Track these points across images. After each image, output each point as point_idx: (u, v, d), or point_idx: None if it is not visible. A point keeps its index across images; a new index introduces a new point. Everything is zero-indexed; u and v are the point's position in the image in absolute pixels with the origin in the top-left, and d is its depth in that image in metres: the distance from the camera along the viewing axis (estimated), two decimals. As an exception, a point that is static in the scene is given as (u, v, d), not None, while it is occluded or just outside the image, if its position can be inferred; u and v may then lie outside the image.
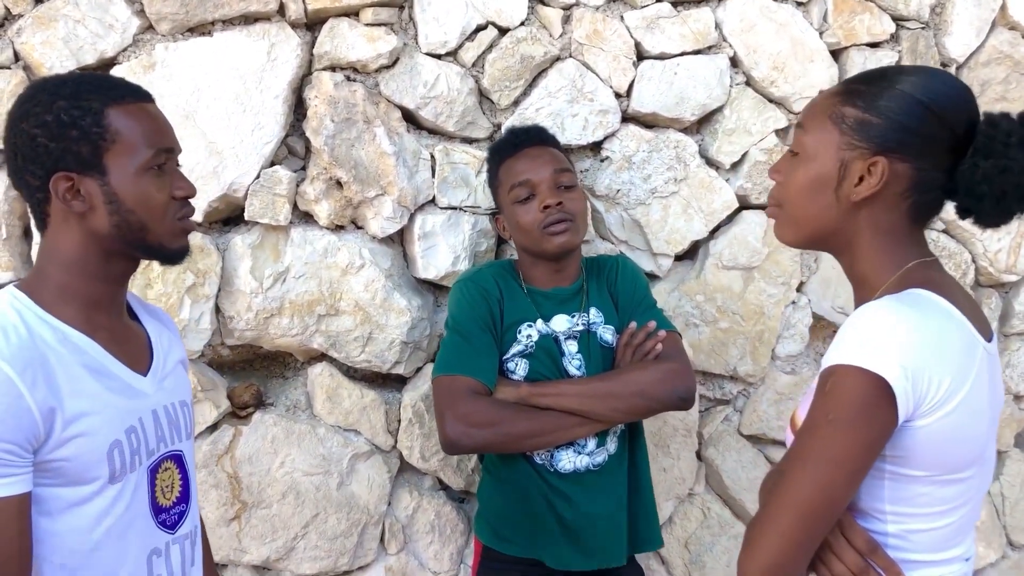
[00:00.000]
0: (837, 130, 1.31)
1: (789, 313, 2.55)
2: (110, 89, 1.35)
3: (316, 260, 2.17)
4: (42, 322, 1.29)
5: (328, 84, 2.13)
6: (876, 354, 1.16)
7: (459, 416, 1.85)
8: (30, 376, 1.20)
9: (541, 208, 1.96)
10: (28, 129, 1.30)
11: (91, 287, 1.36)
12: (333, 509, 2.27)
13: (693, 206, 2.42)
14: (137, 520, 1.36)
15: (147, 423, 1.38)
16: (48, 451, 1.23)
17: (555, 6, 2.29)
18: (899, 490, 1.24)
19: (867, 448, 1.18)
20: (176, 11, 2.04)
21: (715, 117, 2.45)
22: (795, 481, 1.21)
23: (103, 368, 1.33)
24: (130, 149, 1.33)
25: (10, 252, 2.01)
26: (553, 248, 1.98)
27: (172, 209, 1.39)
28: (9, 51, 1.99)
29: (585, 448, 1.96)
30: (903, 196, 1.29)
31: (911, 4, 2.50)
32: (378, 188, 2.18)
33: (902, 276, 1.29)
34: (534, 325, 2.00)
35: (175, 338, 1.60)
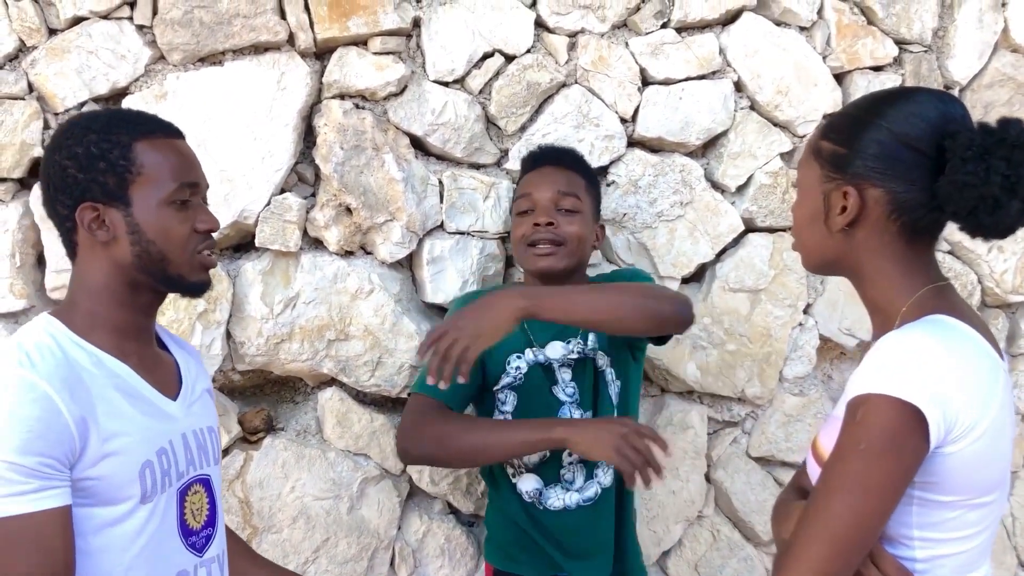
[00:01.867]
0: (817, 164, 1.38)
1: (796, 335, 2.56)
2: (140, 124, 1.41)
3: (326, 285, 2.19)
4: (76, 346, 1.33)
5: (337, 112, 2.16)
6: (908, 383, 1.17)
7: (409, 426, 1.92)
8: (67, 393, 1.24)
9: (532, 225, 1.97)
10: (60, 160, 1.36)
11: (119, 315, 1.40)
12: (343, 533, 2.28)
13: (699, 229, 2.43)
14: (168, 540, 1.38)
15: (177, 446, 1.41)
16: (82, 469, 1.26)
17: (560, 33, 2.32)
18: (927, 515, 1.25)
19: (900, 476, 1.19)
20: (187, 41, 2.07)
21: (720, 141, 2.47)
22: (829, 511, 1.21)
23: (135, 391, 1.37)
24: (154, 182, 1.38)
25: (24, 280, 2.03)
26: (533, 268, 2.00)
27: (193, 242, 1.43)
28: (23, 82, 2.02)
29: (573, 484, 1.95)
30: (889, 219, 1.31)
31: (914, 28, 2.53)
32: (387, 214, 2.21)
33: (919, 302, 1.31)
34: (523, 356, 1.99)
35: (201, 368, 1.63)
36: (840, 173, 1.33)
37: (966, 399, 1.18)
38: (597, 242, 2.13)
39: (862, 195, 1.31)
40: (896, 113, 1.30)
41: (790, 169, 2.48)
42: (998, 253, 2.66)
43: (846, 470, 1.20)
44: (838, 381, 2.71)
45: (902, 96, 1.35)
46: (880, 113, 1.32)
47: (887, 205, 1.30)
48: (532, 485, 1.96)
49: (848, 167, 1.32)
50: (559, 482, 1.95)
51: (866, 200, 1.31)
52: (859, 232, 1.34)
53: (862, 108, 1.37)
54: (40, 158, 2.00)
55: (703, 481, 2.58)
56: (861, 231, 1.34)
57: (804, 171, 1.42)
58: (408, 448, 1.93)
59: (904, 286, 1.33)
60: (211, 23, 2.07)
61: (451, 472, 2.33)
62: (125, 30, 2.06)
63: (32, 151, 2.01)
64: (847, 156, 1.33)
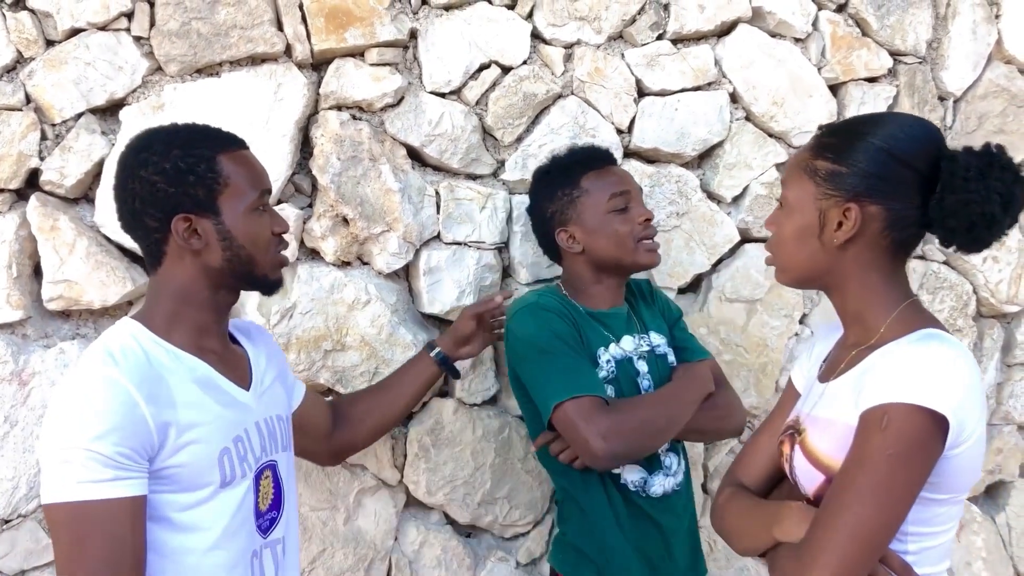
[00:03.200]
0: (812, 182, 1.44)
1: (792, 345, 2.56)
2: (217, 138, 1.53)
3: (323, 296, 2.19)
4: (156, 345, 1.46)
5: (334, 123, 2.16)
6: (935, 393, 1.24)
7: (605, 431, 1.79)
8: (146, 389, 1.36)
9: (640, 220, 2.01)
10: (148, 176, 1.46)
11: (200, 315, 1.53)
12: (340, 544, 2.28)
13: (695, 239, 2.44)
14: (246, 523, 1.51)
15: (252, 433, 1.54)
16: (164, 459, 1.38)
17: (557, 45, 2.33)
18: (922, 512, 1.33)
19: (922, 478, 1.27)
20: (184, 53, 2.08)
21: (716, 152, 2.48)
22: (855, 514, 1.26)
23: (212, 383, 1.50)
24: (239, 192, 1.52)
25: (20, 291, 2.03)
26: (645, 262, 2.04)
27: (273, 244, 1.59)
28: (21, 93, 2.02)
29: (671, 469, 2.01)
30: (882, 235, 1.39)
31: (908, 39, 2.54)
32: (384, 224, 2.21)
33: (901, 316, 1.41)
34: (608, 349, 2.01)
35: (273, 355, 1.76)
36: (839, 190, 1.40)
37: (972, 406, 1.27)
38: None
39: (862, 211, 1.38)
40: (891, 134, 1.38)
41: (786, 180, 2.49)
42: (993, 264, 2.67)
43: (874, 475, 1.25)
44: (834, 391, 2.71)
45: (892, 119, 1.46)
46: (876, 134, 1.39)
47: (883, 221, 1.38)
48: (638, 475, 1.98)
49: (847, 184, 1.39)
50: (660, 468, 2.00)
51: (865, 216, 1.38)
52: (852, 247, 1.41)
53: (857, 129, 1.44)
54: (36, 169, 2.01)
55: (699, 491, 2.58)
56: (854, 246, 1.41)
57: (795, 188, 1.47)
58: (613, 448, 1.79)
59: (887, 300, 1.42)
60: (208, 34, 2.08)
61: (448, 482, 2.32)
62: (123, 41, 2.06)
63: (29, 162, 2.01)
64: (846, 174, 1.39)
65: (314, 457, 2.03)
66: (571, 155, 2.15)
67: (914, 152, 1.36)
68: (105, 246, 2.07)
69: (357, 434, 2.01)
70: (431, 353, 2.09)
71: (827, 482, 1.37)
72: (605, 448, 1.79)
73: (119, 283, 2.05)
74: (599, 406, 1.83)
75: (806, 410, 1.50)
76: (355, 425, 2.00)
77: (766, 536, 1.46)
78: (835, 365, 1.49)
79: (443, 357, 2.09)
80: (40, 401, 2.02)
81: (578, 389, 1.84)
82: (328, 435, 1.96)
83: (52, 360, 2.04)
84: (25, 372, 2.02)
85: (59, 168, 2.03)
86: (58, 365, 2.04)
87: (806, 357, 1.68)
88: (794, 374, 1.69)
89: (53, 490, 1.30)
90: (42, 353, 2.04)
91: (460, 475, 2.34)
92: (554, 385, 1.87)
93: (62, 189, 2.05)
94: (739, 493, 1.63)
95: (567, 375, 1.87)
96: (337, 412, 1.99)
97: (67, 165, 2.03)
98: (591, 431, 1.79)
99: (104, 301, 2.06)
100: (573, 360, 1.90)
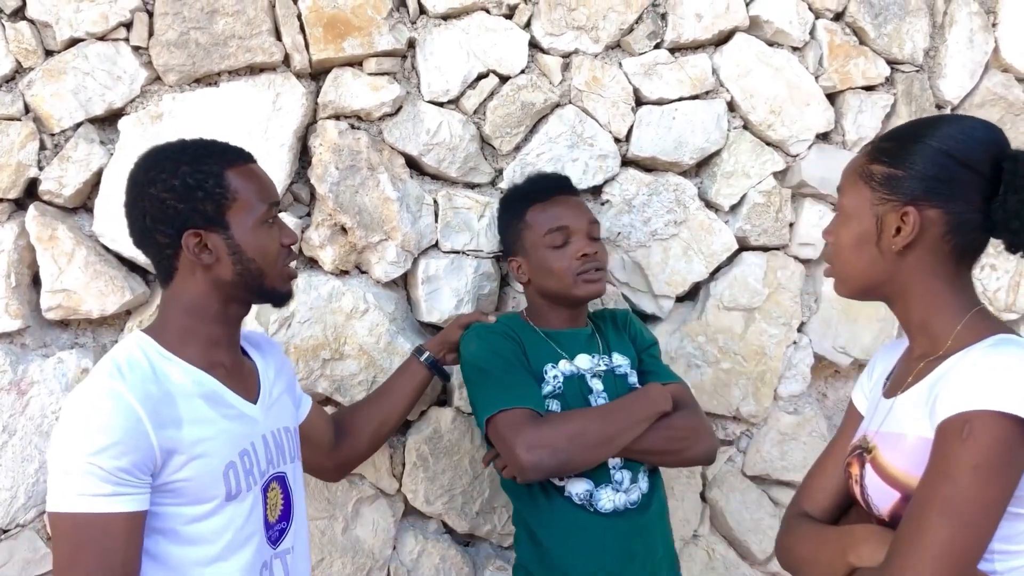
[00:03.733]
0: (868, 188, 1.40)
1: (791, 353, 2.56)
2: (224, 153, 1.55)
3: (321, 305, 2.20)
4: (165, 359, 1.48)
5: (332, 132, 2.17)
6: (1016, 397, 1.17)
7: (531, 442, 1.79)
8: (150, 405, 1.38)
9: (578, 255, 2.00)
10: (158, 194, 1.48)
11: (211, 329, 1.55)
12: (338, 554, 2.27)
13: (693, 248, 2.45)
14: (254, 535, 1.52)
15: (258, 446, 1.54)
16: (169, 473, 1.39)
17: (554, 54, 2.34)
18: (1007, 528, 1.24)
19: (1010, 490, 1.20)
20: (183, 62, 2.08)
21: (713, 160, 2.48)
22: (943, 531, 1.18)
23: (219, 398, 1.51)
24: (248, 206, 1.53)
25: (19, 300, 2.03)
26: (584, 294, 2.03)
27: (282, 256, 1.61)
28: (20, 103, 2.03)
29: (622, 485, 1.94)
30: (944, 239, 1.34)
31: (905, 48, 2.55)
32: (382, 233, 2.21)
33: (971, 324, 1.35)
34: (557, 366, 2.00)
35: (282, 367, 1.77)
36: (896, 194, 1.36)
37: None
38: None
39: (921, 215, 1.33)
40: (951, 135, 1.34)
41: (783, 188, 2.49)
42: (991, 272, 2.68)
43: (959, 488, 1.19)
44: (832, 399, 2.71)
45: (951, 120, 1.40)
46: (934, 136, 1.35)
47: (944, 225, 1.34)
48: (583, 487, 1.93)
49: (904, 188, 1.35)
50: (609, 482, 1.94)
51: (924, 221, 1.34)
52: (912, 254, 1.36)
53: (914, 131, 1.40)
54: (35, 178, 2.02)
55: (698, 500, 2.58)
56: (914, 252, 1.36)
57: (851, 195, 1.43)
58: (541, 459, 1.78)
59: (955, 307, 1.36)
60: (207, 44, 2.08)
61: (446, 491, 2.32)
62: (121, 51, 2.07)
63: (28, 172, 2.02)
64: (903, 177, 1.35)
65: (319, 472, 2.03)
66: (523, 185, 2.20)
67: (974, 153, 1.32)
68: (104, 255, 2.08)
69: (358, 445, 2.02)
70: (420, 357, 2.10)
71: (903, 500, 1.31)
72: (529, 458, 1.78)
73: (118, 292, 2.05)
74: (529, 418, 1.83)
75: (873, 428, 1.44)
76: (356, 436, 2.01)
77: (841, 564, 1.37)
78: (901, 379, 1.43)
79: (432, 360, 2.09)
80: (39, 410, 2.02)
81: (509, 401, 1.86)
82: (332, 448, 1.96)
83: (51, 369, 2.04)
84: (24, 381, 2.02)
85: (58, 178, 2.03)
86: (57, 374, 2.04)
87: (867, 377, 1.61)
88: (855, 395, 1.62)
89: (55, 499, 1.33)
90: (40, 362, 2.04)
91: (458, 484, 2.34)
92: (489, 400, 1.90)
93: (61, 199, 2.05)
94: (805, 522, 1.54)
95: (501, 389, 1.89)
96: (337, 425, 1.99)
97: (66, 175, 2.04)
98: (518, 441, 1.79)
99: (103, 310, 2.06)
100: (509, 376, 1.92)
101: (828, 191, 2.49)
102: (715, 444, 2.01)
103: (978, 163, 1.31)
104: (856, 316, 2.57)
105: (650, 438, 1.90)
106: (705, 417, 2.04)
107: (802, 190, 2.53)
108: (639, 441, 1.89)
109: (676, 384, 2.05)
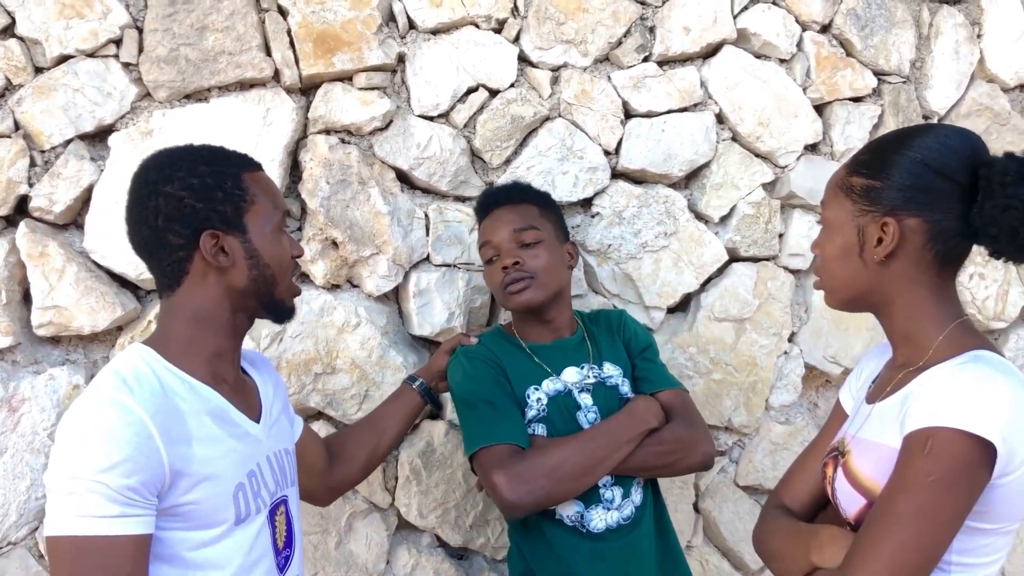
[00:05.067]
0: (849, 200, 1.42)
1: (781, 363, 2.57)
2: (239, 158, 1.53)
3: (312, 319, 2.20)
4: (170, 373, 1.40)
5: (323, 147, 2.17)
6: (981, 418, 1.20)
7: (512, 477, 1.77)
8: (160, 420, 1.29)
9: (500, 269, 1.99)
10: (174, 192, 1.42)
11: (217, 341, 1.48)
12: (332, 568, 2.27)
13: (684, 259, 2.45)
14: (263, 560, 1.46)
15: (264, 468, 1.49)
16: (177, 496, 1.31)
17: (544, 68, 2.35)
18: (968, 542, 1.28)
19: (966, 508, 1.23)
20: (173, 79, 2.09)
21: (703, 172, 2.49)
22: (896, 540, 1.22)
23: (225, 415, 1.44)
24: (265, 210, 1.50)
25: (10, 317, 2.03)
26: (515, 306, 2.01)
27: (292, 267, 1.58)
28: (10, 120, 2.03)
29: (613, 503, 1.91)
30: (925, 248, 1.36)
31: (892, 59, 2.57)
32: (373, 247, 2.22)
33: (952, 336, 1.37)
34: (540, 387, 1.96)
35: (278, 386, 1.72)
36: (875, 205, 1.38)
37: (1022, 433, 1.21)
38: (572, 260, 2.11)
39: (900, 225, 1.35)
40: (926, 145, 1.36)
41: (772, 199, 2.50)
42: (979, 280, 2.69)
43: (916, 501, 1.22)
44: (824, 409, 2.72)
45: (927, 130, 1.41)
46: (910, 146, 1.37)
47: (924, 234, 1.36)
48: (573, 509, 1.91)
49: (883, 199, 1.37)
50: (600, 502, 1.92)
51: (903, 230, 1.36)
52: (895, 263, 1.38)
53: (890, 143, 1.42)
54: (25, 195, 2.02)
55: (691, 511, 2.59)
56: (897, 262, 1.38)
57: (833, 208, 1.46)
58: (521, 497, 1.76)
59: (938, 318, 1.39)
60: (197, 60, 2.09)
61: (439, 504, 2.32)
62: (111, 68, 2.08)
63: (18, 188, 2.02)
64: (881, 188, 1.38)
65: (311, 496, 1.94)
66: (476, 201, 2.21)
67: (951, 161, 1.34)
68: (95, 272, 2.07)
69: (351, 469, 1.97)
70: (413, 385, 2.07)
71: (868, 506, 1.34)
72: (510, 498, 1.77)
73: (108, 308, 2.05)
74: (510, 454, 1.82)
75: (852, 432, 1.47)
76: (349, 461, 1.96)
77: (804, 561, 1.43)
78: (883, 386, 1.46)
79: (425, 388, 2.07)
80: (30, 427, 2.02)
81: (490, 438, 1.85)
82: (325, 471, 1.91)
83: (42, 386, 2.03)
84: (15, 398, 2.02)
85: (48, 194, 2.03)
86: (48, 391, 2.03)
87: (855, 377, 1.64)
88: (842, 394, 1.66)
89: (55, 522, 1.23)
90: (32, 379, 2.04)
91: (452, 497, 2.34)
92: (472, 435, 1.89)
93: (51, 215, 2.05)
94: (780, 516, 1.59)
95: (482, 425, 1.88)
96: (330, 449, 1.95)
97: (56, 191, 2.04)
98: (499, 480, 1.78)
99: (94, 327, 2.06)
100: (490, 409, 1.90)
101: (817, 202, 2.50)
102: (710, 450, 1.95)
103: (954, 171, 1.33)
104: (847, 326, 2.59)
105: (640, 456, 1.87)
106: (701, 422, 1.99)
107: (791, 201, 2.54)
108: (629, 460, 1.86)
109: (669, 391, 2.01)
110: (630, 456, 1.86)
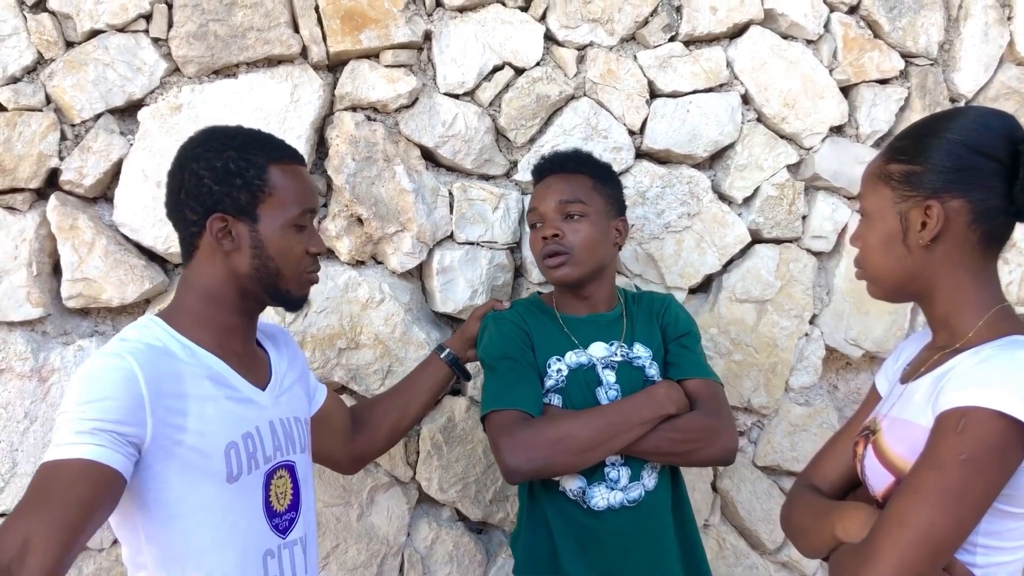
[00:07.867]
0: (888, 188, 1.42)
1: (802, 345, 2.57)
2: (273, 149, 1.55)
3: (337, 295, 2.22)
4: (173, 339, 1.48)
5: (349, 124, 2.19)
6: (1016, 400, 1.19)
7: (515, 443, 1.79)
8: (152, 372, 1.36)
9: (541, 238, 1.98)
10: (197, 170, 1.49)
11: (225, 317, 1.55)
12: (353, 540, 2.30)
13: (706, 240, 2.46)
14: (254, 521, 1.51)
15: (264, 431, 1.53)
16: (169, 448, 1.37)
17: (570, 47, 2.35)
18: (994, 524, 1.28)
19: (996, 488, 1.23)
20: (202, 54, 2.10)
21: (727, 153, 2.49)
22: (923, 516, 1.22)
23: (225, 380, 1.51)
24: (282, 204, 1.53)
25: (40, 289, 2.06)
26: (551, 280, 2.01)
27: (305, 262, 1.60)
28: (41, 94, 2.05)
29: (618, 483, 1.90)
30: (970, 228, 1.36)
31: (919, 41, 2.55)
32: (398, 224, 2.23)
33: (992, 321, 1.37)
34: (563, 359, 1.96)
35: (294, 354, 1.77)
36: (917, 190, 1.38)
37: None
38: (619, 238, 2.06)
39: (943, 207, 1.35)
40: (963, 126, 1.36)
41: (796, 181, 2.50)
42: (1003, 265, 2.68)
43: (945, 479, 1.22)
44: (844, 391, 2.72)
45: (962, 112, 1.42)
46: (948, 128, 1.37)
47: (968, 215, 1.35)
48: (576, 483, 1.91)
49: (924, 183, 1.37)
50: (604, 480, 1.90)
51: (947, 212, 1.35)
52: (939, 247, 1.38)
53: (926, 127, 1.42)
54: (56, 169, 2.04)
55: (709, 490, 2.60)
56: (942, 245, 1.38)
57: (872, 198, 1.46)
58: (520, 464, 1.78)
59: (979, 302, 1.38)
60: (225, 36, 2.10)
61: (460, 479, 2.35)
62: (141, 43, 2.09)
63: (49, 162, 2.04)
64: (922, 172, 1.37)
65: (336, 464, 2.00)
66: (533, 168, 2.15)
67: (989, 140, 1.33)
68: (123, 245, 2.10)
69: (376, 438, 2.00)
70: (441, 355, 2.08)
71: (896, 483, 1.34)
72: (509, 462, 1.79)
73: (137, 282, 2.08)
74: (518, 420, 1.83)
75: (884, 411, 1.47)
76: (374, 430, 1.99)
77: (829, 536, 1.43)
78: (918, 367, 1.46)
79: (453, 358, 2.09)
80: (59, 397, 2.05)
81: (503, 402, 1.86)
82: (349, 439, 1.95)
83: (71, 357, 2.07)
84: (45, 369, 2.06)
85: (78, 168, 2.06)
86: (77, 362, 2.07)
87: (892, 361, 1.64)
88: (878, 377, 1.66)
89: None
90: (61, 350, 2.07)
91: (472, 472, 2.36)
92: (488, 398, 1.92)
93: (81, 189, 2.08)
94: (807, 494, 1.59)
95: (499, 388, 1.90)
96: (355, 418, 1.99)
97: (86, 165, 2.06)
98: (502, 444, 1.80)
99: (122, 299, 2.09)
100: (510, 373, 1.91)
101: (841, 184, 2.50)
102: (731, 445, 1.89)
103: (994, 150, 1.33)
104: (868, 309, 2.58)
105: (652, 440, 1.84)
106: (727, 415, 1.93)
107: (815, 183, 2.53)
108: (640, 442, 1.84)
109: (698, 380, 1.96)
110: (642, 439, 1.84)
